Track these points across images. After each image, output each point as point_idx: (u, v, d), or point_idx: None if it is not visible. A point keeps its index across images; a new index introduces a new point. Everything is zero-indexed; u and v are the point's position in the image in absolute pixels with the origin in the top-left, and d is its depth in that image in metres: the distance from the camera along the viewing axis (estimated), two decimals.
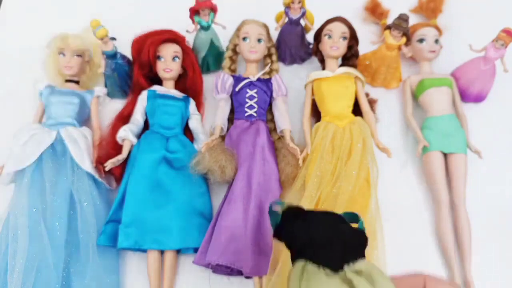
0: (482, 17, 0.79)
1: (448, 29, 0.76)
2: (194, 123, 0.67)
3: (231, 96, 0.67)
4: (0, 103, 0.72)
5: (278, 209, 0.41)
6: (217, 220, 0.57)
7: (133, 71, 0.67)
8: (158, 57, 0.65)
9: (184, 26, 0.69)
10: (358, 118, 0.64)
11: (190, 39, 0.70)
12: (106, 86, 0.70)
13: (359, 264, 0.36)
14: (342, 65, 0.68)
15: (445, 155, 0.63)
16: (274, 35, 0.72)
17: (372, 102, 0.68)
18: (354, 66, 0.68)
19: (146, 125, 0.66)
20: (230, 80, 0.66)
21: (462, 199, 0.60)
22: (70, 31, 0.67)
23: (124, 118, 0.65)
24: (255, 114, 0.65)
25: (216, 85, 0.67)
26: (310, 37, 0.72)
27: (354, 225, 0.40)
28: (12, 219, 0.56)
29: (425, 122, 0.67)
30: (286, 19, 0.69)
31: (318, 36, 0.68)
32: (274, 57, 0.70)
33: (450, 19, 0.79)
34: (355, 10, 0.79)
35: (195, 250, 0.57)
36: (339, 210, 0.54)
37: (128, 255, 0.59)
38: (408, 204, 0.63)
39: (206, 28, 0.68)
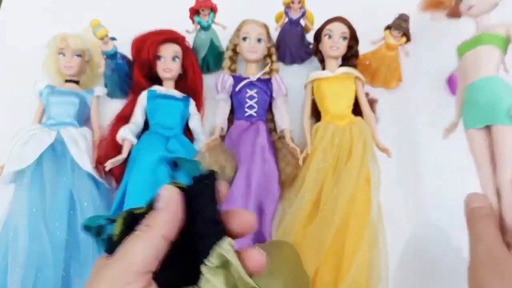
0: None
1: (449, 29, 0.76)
2: (194, 123, 0.66)
3: (231, 96, 0.67)
4: (0, 103, 0.72)
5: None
6: None
7: (133, 71, 0.68)
8: (158, 57, 0.65)
9: (184, 26, 0.69)
10: (358, 118, 0.64)
11: (190, 39, 0.70)
12: (106, 86, 0.70)
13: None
14: (342, 65, 0.68)
15: (490, 128, 0.46)
16: (274, 35, 0.72)
17: (372, 102, 0.68)
18: (354, 66, 0.68)
19: (146, 125, 0.66)
20: (230, 80, 0.67)
21: (506, 184, 0.43)
22: (70, 31, 0.67)
23: (124, 118, 0.65)
24: (255, 114, 0.65)
25: (216, 85, 0.67)
26: (310, 37, 0.72)
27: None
28: (12, 219, 0.56)
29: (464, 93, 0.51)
30: (286, 19, 0.69)
31: (318, 36, 0.68)
32: (274, 57, 0.70)
33: (450, 18, 0.78)
34: (355, 10, 0.79)
35: None
36: (340, 211, 0.54)
37: None
38: (408, 204, 0.63)
39: (206, 28, 0.68)
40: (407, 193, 0.64)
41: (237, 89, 0.66)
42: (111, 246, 0.25)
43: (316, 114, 0.67)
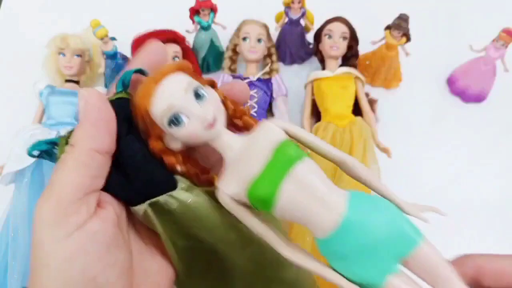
0: (482, 17, 0.79)
1: (449, 29, 0.76)
2: None
3: None
4: (0, 103, 0.72)
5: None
6: None
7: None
8: None
9: (184, 26, 0.69)
10: (359, 118, 0.64)
11: (190, 39, 0.70)
12: (106, 86, 0.70)
13: None
14: (342, 65, 0.68)
15: None
16: (274, 35, 0.72)
17: (372, 102, 0.68)
18: (354, 66, 0.68)
19: None
20: (230, 80, 0.67)
21: None
22: (70, 31, 0.67)
23: None
24: (255, 114, 0.65)
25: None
26: (310, 37, 0.72)
27: None
28: (12, 219, 0.56)
29: None
30: (286, 19, 0.69)
31: (318, 36, 0.68)
32: (274, 57, 0.70)
33: (450, 19, 0.79)
34: (356, 10, 0.79)
35: None
36: None
37: None
38: None
39: (206, 28, 0.68)
40: (407, 193, 0.64)
41: None
42: None
43: (316, 114, 0.67)
